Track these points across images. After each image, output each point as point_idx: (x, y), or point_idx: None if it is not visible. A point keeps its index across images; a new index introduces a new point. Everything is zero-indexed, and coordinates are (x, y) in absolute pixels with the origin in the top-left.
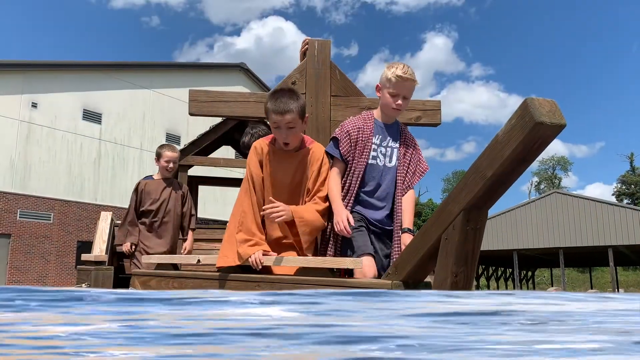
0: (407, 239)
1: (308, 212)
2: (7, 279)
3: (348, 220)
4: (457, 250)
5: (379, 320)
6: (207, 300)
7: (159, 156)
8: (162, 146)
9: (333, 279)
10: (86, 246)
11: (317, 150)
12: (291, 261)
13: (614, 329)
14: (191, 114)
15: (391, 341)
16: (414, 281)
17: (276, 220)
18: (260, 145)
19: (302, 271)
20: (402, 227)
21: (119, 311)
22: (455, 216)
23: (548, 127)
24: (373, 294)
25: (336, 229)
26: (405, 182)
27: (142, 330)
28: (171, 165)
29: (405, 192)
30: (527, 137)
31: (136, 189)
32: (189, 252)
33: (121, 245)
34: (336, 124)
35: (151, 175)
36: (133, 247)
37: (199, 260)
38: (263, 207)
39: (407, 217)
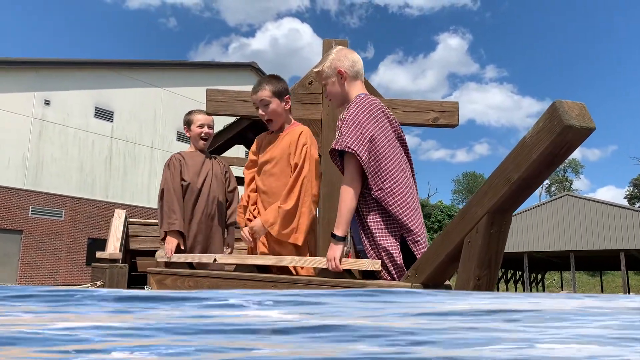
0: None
1: (271, 214)
2: (18, 275)
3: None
4: (481, 254)
5: (381, 319)
6: (205, 301)
7: (189, 123)
8: (190, 112)
9: (350, 280)
10: (97, 243)
11: (297, 129)
12: (308, 261)
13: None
14: (208, 114)
15: (392, 340)
16: (434, 284)
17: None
18: (259, 136)
19: (321, 272)
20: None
21: (119, 310)
22: (479, 219)
23: (577, 131)
24: (374, 294)
25: None
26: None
27: (142, 331)
28: (206, 129)
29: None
30: (556, 140)
31: (168, 165)
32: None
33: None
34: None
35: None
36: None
37: (215, 260)
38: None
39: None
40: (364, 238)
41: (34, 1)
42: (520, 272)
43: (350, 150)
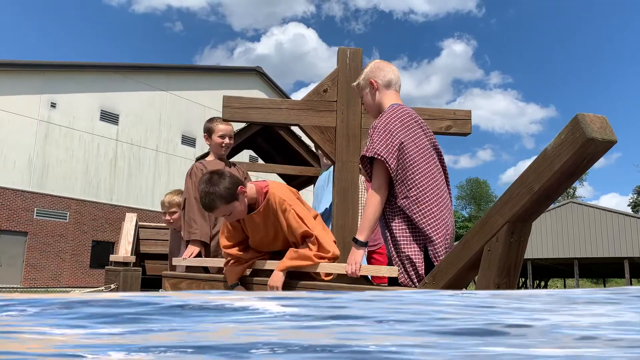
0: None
1: (290, 259)
2: (22, 277)
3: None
4: (501, 262)
5: (379, 318)
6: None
7: (210, 132)
8: (211, 119)
9: (369, 286)
10: (101, 246)
11: (270, 201)
12: (327, 267)
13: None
14: (224, 120)
15: (389, 341)
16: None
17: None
18: None
19: (338, 277)
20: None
21: (118, 313)
22: (500, 228)
23: (599, 144)
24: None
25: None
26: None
27: (141, 331)
28: (227, 140)
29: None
30: (578, 153)
31: (190, 174)
32: None
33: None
34: (366, 132)
35: (204, 157)
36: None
37: None
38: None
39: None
40: (390, 244)
41: (39, 4)
42: (523, 279)
43: (379, 157)
